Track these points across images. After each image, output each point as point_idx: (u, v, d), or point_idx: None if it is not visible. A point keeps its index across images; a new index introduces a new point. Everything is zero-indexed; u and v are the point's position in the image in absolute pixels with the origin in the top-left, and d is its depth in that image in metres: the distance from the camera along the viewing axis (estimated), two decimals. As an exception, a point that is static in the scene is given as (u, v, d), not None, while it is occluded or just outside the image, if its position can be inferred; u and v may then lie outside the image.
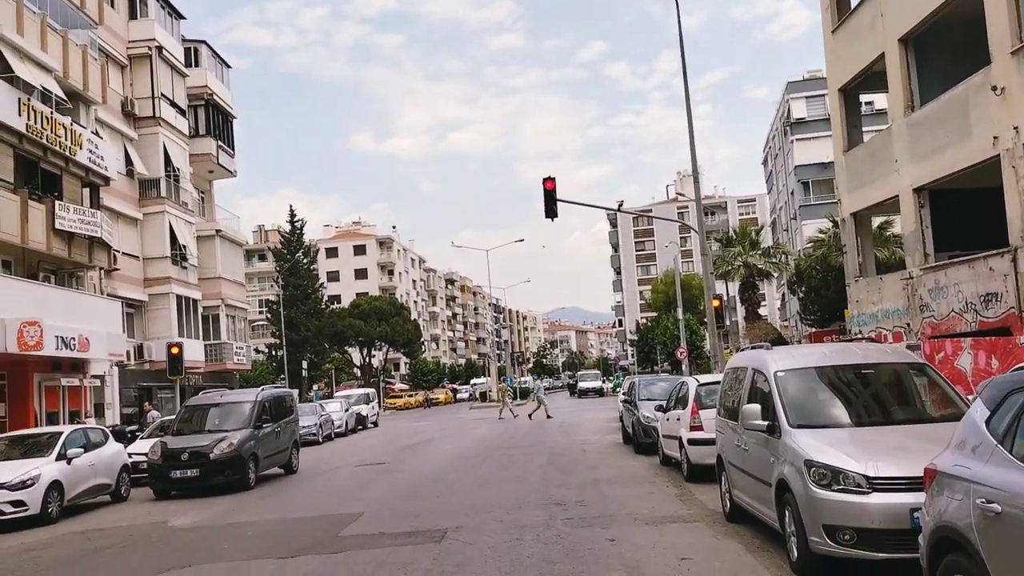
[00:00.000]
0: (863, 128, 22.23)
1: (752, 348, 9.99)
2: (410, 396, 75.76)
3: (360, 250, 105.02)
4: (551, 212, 22.26)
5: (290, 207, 69.40)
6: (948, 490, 4.61)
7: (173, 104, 34.45)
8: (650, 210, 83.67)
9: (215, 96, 38.35)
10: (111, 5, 31.29)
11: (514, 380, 72.70)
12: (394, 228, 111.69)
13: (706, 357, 55.64)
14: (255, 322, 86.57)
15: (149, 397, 29.81)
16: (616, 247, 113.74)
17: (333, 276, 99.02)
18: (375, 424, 40.70)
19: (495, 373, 71.44)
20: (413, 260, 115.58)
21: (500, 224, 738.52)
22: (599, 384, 71.40)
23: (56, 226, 23.69)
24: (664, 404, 15.99)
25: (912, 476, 6.28)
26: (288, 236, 67.21)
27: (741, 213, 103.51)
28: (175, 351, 26.45)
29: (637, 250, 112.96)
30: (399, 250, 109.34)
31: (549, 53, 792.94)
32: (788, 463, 7.19)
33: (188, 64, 36.58)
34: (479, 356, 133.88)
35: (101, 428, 17.32)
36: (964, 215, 17.42)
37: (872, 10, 18.79)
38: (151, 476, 16.24)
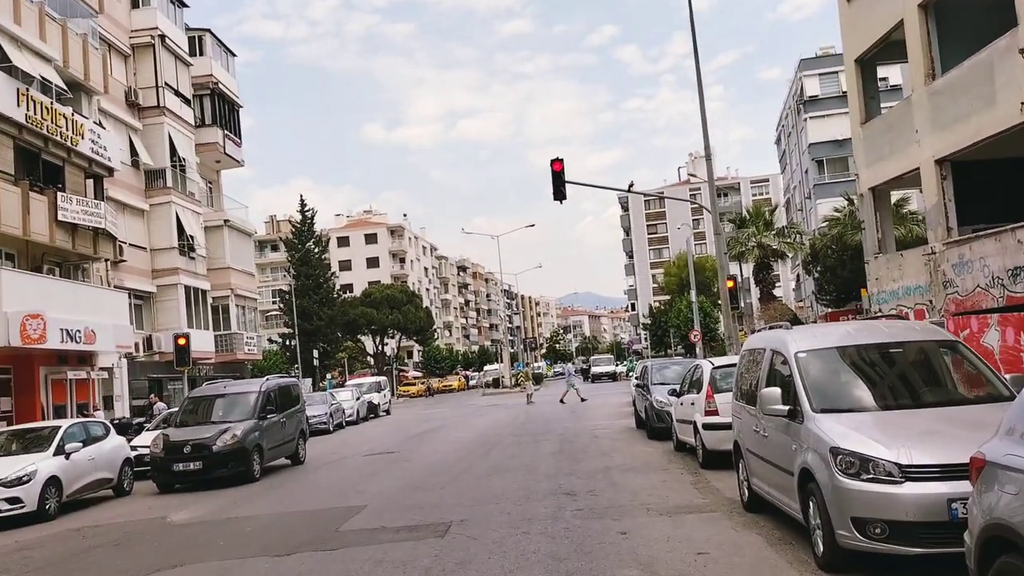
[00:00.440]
0: (879, 104, 21.52)
1: (770, 328, 9.45)
2: (422, 383, 75.22)
3: (371, 239, 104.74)
4: (559, 194, 21.72)
5: (300, 196, 69.16)
6: (999, 483, 4.06)
7: (178, 93, 34.07)
8: (662, 192, 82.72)
9: (220, 85, 37.92)
10: (111, -7, 30.87)
11: (525, 366, 72.30)
12: (405, 216, 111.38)
13: (720, 339, 55.05)
14: (268, 312, 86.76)
15: (159, 389, 29.58)
16: (628, 231, 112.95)
17: (345, 265, 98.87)
18: (387, 412, 40.44)
19: (508, 359, 71.06)
20: (424, 248, 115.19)
21: (512, 211, 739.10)
22: (612, 369, 71.34)
23: (59, 218, 23.35)
24: (678, 388, 15.53)
25: (948, 463, 5.79)
26: (299, 226, 66.89)
27: (754, 194, 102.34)
28: (182, 342, 26.18)
29: (649, 233, 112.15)
30: (410, 238, 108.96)
31: (559, 38, 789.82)
32: (812, 450, 6.68)
33: (192, 53, 36.17)
34: (492, 343, 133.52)
35: (102, 421, 16.99)
36: (988, 187, 16.81)
37: (890, -24, 18.08)
38: (153, 469, 15.90)
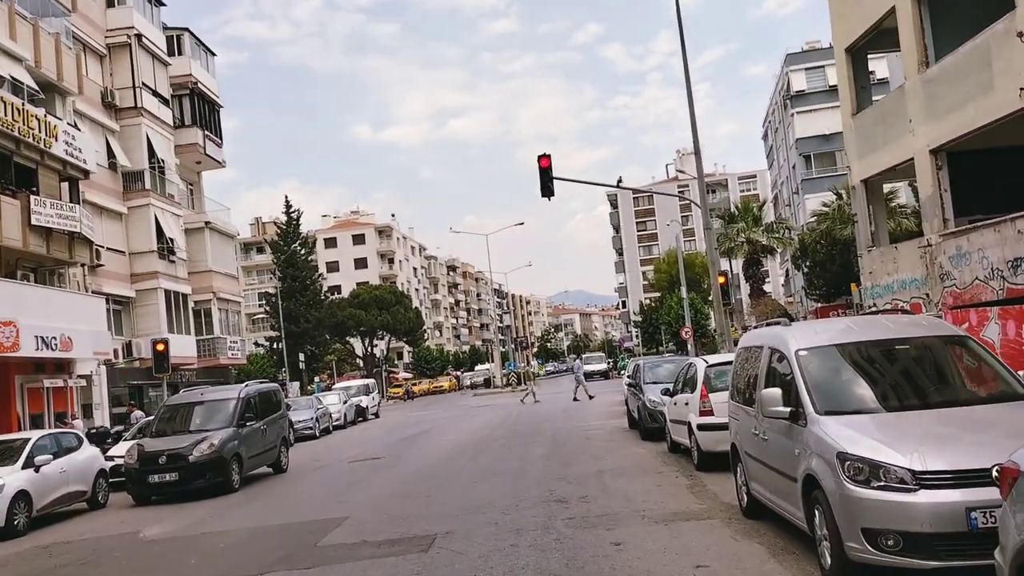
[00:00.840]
0: (871, 95, 21.11)
1: (767, 324, 9.00)
2: (398, 386, 72.34)
3: (359, 239, 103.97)
4: (547, 190, 21.26)
5: (285, 197, 68.30)
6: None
7: (156, 94, 33.43)
8: (650, 189, 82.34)
9: (200, 85, 37.26)
10: (85, -8, 30.19)
11: (517, 365, 71.95)
12: (393, 216, 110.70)
13: (711, 336, 54.73)
14: (255, 315, 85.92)
15: (140, 396, 28.92)
16: (617, 228, 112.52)
17: (332, 266, 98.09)
18: (376, 415, 39.85)
19: (498, 359, 70.61)
20: (413, 248, 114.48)
21: (501, 210, 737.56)
22: (604, 367, 71.52)
23: (32, 222, 22.71)
24: (670, 387, 15.08)
25: (966, 469, 5.36)
26: (284, 227, 66.08)
27: (742, 190, 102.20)
28: (160, 348, 25.54)
29: (639, 230, 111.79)
30: (399, 238, 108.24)
31: (544, 37, 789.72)
32: (816, 455, 6.21)
33: (171, 53, 35.51)
34: (483, 342, 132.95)
35: (75, 432, 16.37)
36: (984, 177, 16.41)
37: (879, -38, 17.67)
38: (128, 481, 15.30)
